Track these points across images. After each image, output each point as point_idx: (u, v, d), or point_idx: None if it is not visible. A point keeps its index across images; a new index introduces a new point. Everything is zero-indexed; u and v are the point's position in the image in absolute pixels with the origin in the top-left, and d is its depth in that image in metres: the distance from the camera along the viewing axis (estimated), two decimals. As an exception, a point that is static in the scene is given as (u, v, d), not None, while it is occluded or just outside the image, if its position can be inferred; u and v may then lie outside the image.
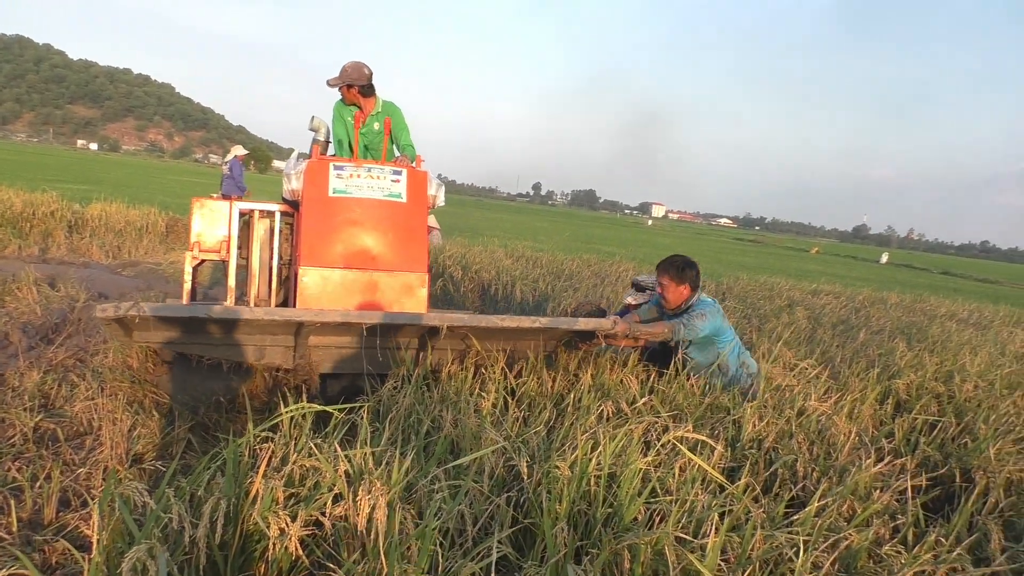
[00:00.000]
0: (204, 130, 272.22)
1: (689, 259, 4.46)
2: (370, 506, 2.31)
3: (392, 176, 4.52)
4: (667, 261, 4.50)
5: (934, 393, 4.97)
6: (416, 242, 4.50)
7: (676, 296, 4.42)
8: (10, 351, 5.06)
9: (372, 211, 4.42)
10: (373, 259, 4.39)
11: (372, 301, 4.34)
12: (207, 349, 3.89)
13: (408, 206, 4.52)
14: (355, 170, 4.46)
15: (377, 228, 4.42)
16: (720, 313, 4.40)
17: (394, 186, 4.50)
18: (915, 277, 35.76)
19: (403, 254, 4.45)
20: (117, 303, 3.41)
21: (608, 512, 2.55)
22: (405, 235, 4.48)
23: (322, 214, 4.34)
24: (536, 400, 3.72)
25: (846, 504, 2.87)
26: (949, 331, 8.17)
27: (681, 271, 4.39)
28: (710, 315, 4.29)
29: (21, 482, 3.03)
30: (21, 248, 9.45)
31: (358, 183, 4.43)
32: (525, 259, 10.97)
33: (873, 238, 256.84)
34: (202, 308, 3.52)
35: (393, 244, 4.44)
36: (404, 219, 4.50)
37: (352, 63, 5.12)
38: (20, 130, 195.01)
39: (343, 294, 4.29)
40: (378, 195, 4.45)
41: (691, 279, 4.40)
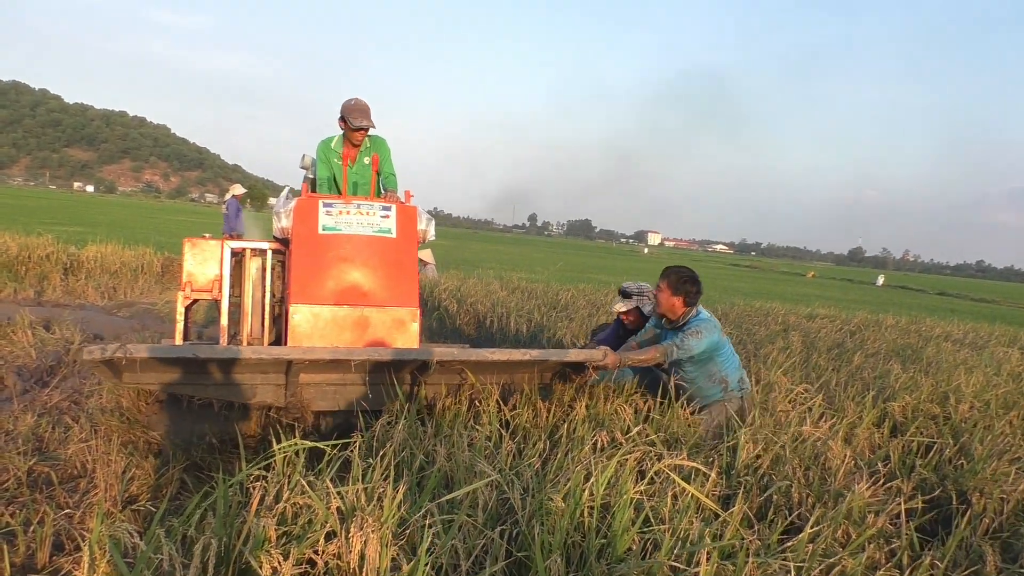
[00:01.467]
0: (200, 170, 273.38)
1: (694, 275, 4.36)
2: (362, 542, 2.31)
3: (382, 212, 4.52)
4: (673, 268, 4.41)
5: (930, 415, 4.97)
6: (406, 277, 4.48)
7: (667, 304, 4.32)
8: (4, 395, 5.05)
9: (362, 247, 4.41)
10: (364, 295, 4.37)
11: (364, 337, 4.30)
12: (198, 389, 3.87)
13: (398, 241, 4.51)
14: (344, 207, 4.46)
15: (367, 264, 4.41)
16: (718, 329, 4.32)
17: (384, 222, 4.50)
18: (911, 298, 35.81)
19: (394, 289, 4.43)
20: (104, 345, 3.41)
21: (602, 543, 2.54)
22: (395, 270, 4.46)
23: (312, 251, 4.33)
24: (530, 432, 3.71)
25: (841, 529, 2.87)
26: (944, 352, 8.18)
27: (681, 282, 4.28)
28: (706, 332, 4.21)
29: (14, 526, 3.02)
30: (17, 291, 9.46)
31: (348, 220, 4.42)
32: (520, 290, 11.00)
33: (869, 260, 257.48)
34: (189, 348, 3.53)
35: (384, 280, 4.42)
36: (394, 254, 4.48)
37: (363, 103, 5.05)
38: (17, 174, 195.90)
39: (334, 330, 4.27)
40: (368, 231, 4.44)
41: (687, 293, 4.28)
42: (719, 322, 4.42)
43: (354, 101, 5.06)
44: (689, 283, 4.29)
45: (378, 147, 5.35)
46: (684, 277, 4.31)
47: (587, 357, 4.01)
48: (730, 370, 4.34)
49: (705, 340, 4.19)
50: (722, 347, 4.33)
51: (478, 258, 29.87)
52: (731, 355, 4.41)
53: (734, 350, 4.53)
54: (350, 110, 5.02)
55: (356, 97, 5.09)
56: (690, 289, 4.29)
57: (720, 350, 4.31)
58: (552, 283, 13.17)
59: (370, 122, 5.04)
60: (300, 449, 2.90)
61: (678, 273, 4.33)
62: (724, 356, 4.33)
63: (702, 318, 4.32)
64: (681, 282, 4.29)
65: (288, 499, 2.57)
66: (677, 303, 4.30)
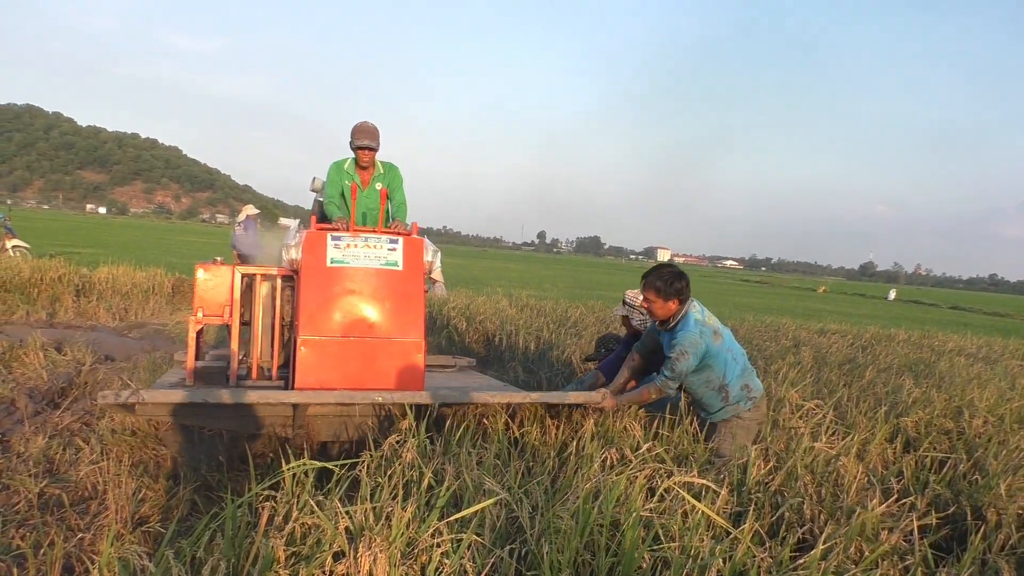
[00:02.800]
0: (211, 191, 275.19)
1: (677, 270, 4.16)
2: (371, 562, 2.30)
3: (389, 245, 4.58)
4: (652, 274, 4.19)
5: (943, 430, 4.93)
6: (413, 309, 4.55)
7: (664, 312, 4.14)
8: (16, 417, 5.07)
9: (369, 280, 4.49)
10: (371, 327, 4.44)
11: (370, 367, 4.39)
12: (209, 421, 4.02)
13: (404, 274, 4.58)
14: (352, 240, 4.53)
15: (374, 296, 4.49)
16: (709, 336, 4.06)
17: (391, 254, 4.56)
18: (924, 313, 35.60)
19: (400, 321, 4.50)
20: (117, 391, 3.59)
21: (612, 561, 2.52)
22: (402, 302, 4.53)
23: (320, 284, 4.42)
24: (539, 449, 3.71)
25: (854, 546, 2.84)
26: (958, 366, 8.12)
27: (669, 284, 4.08)
28: (691, 348, 3.97)
29: (25, 549, 3.02)
30: (29, 313, 9.52)
31: (355, 253, 4.49)
32: (529, 308, 10.99)
33: (880, 275, 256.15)
34: (199, 393, 3.74)
35: (390, 312, 4.50)
36: (401, 287, 4.55)
37: (370, 125, 5.26)
38: (31, 197, 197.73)
39: (341, 361, 4.35)
40: (375, 264, 4.51)
41: (679, 292, 4.08)
42: (713, 320, 4.19)
43: (361, 123, 5.24)
44: (677, 280, 4.10)
45: (391, 175, 5.48)
46: (669, 277, 4.11)
47: (586, 399, 4.13)
48: (730, 377, 4.11)
49: (692, 358, 4.00)
50: (716, 354, 4.07)
51: (487, 276, 29.90)
52: (730, 360, 4.13)
53: (740, 352, 4.27)
54: (356, 131, 5.22)
55: (366, 120, 5.28)
56: (680, 285, 4.10)
57: (715, 357, 4.06)
58: (561, 300, 13.16)
59: (372, 142, 5.22)
60: (309, 469, 2.90)
61: (661, 277, 4.12)
62: (721, 362, 4.08)
63: (688, 330, 4.04)
64: (669, 284, 4.09)
65: (297, 519, 2.57)
66: (672, 305, 4.12)
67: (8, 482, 3.90)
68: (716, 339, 4.09)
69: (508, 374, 7.23)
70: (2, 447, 4.49)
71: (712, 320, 4.17)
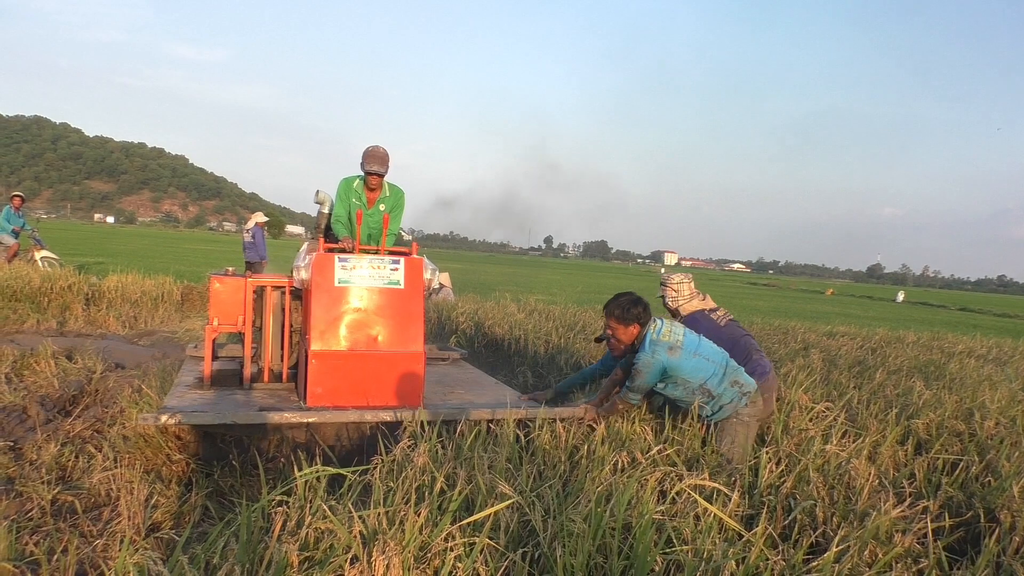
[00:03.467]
0: (217, 199, 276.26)
1: (634, 296, 4.36)
2: (384, 566, 2.31)
3: (391, 265, 4.92)
4: (612, 303, 4.39)
5: (954, 432, 4.91)
6: (413, 324, 4.90)
7: (627, 337, 4.35)
8: (28, 424, 5.10)
9: (374, 298, 4.84)
10: (375, 341, 4.80)
11: (375, 378, 4.75)
12: (231, 429, 4.40)
13: (406, 292, 4.92)
14: (357, 261, 4.87)
15: (379, 313, 4.83)
16: (663, 352, 4.14)
17: (393, 274, 4.91)
18: (932, 315, 35.45)
19: (402, 335, 4.85)
20: (157, 414, 4.02)
21: (625, 564, 2.52)
22: (404, 318, 4.88)
23: (329, 302, 4.75)
24: (550, 453, 3.71)
25: (867, 549, 2.83)
26: (968, 368, 8.08)
27: (627, 311, 4.29)
28: (644, 368, 4.14)
29: (39, 556, 3.03)
30: (39, 322, 9.58)
31: (360, 273, 4.84)
32: (537, 312, 10.99)
33: (888, 277, 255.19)
34: (229, 414, 4.20)
35: (393, 327, 4.84)
36: (402, 304, 4.90)
37: (381, 151, 5.48)
38: (39, 207, 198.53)
39: (349, 372, 4.71)
40: (379, 283, 4.86)
41: (638, 316, 4.28)
42: (672, 335, 4.24)
43: (372, 148, 5.49)
44: (633, 306, 4.30)
45: (395, 198, 5.77)
46: (626, 304, 4.31)
47: (571, 414, 4.47)
48: (707, 378, 4.18)
49: (647, 376, 4.16)
50: (679, 365, 4.15)
51: (495, 281, 29.91)
52: (703, 364, 4.20)
53: (715, 353, 4.32)
54: (367, 156, 5.46)
55: (377, 144, 5.54)
56: (637, 311, 4.29)
57: (678, 368, 4.16)
58: (569, 305, 13.16)
59: (381, 168, 5.46)
60: (322, 475, 2.91)
61: (619, 305, 4.33)
62: (688, 369, 4.16)
63: (643, 351, 4.20)
64: (626, 311, 4.30)
65: (310, 524, 2.58)
66: (634, 330, 4.32)
67: (21, 489, 3.93)
68: (673, 353, 4.17)
69: (517, 379, 7.23)
70: (15, 454, 4.51)
71: (670, 336, 4.24)
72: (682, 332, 4.30)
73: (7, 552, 3.00)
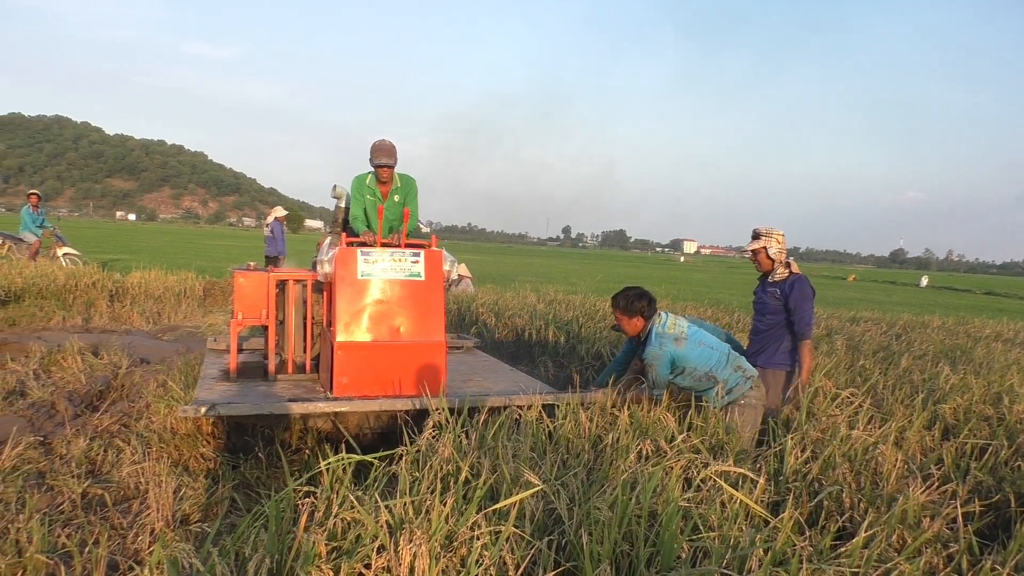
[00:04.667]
0: (237, 194, 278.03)
1: (640, 291, 4.54)
2: (412, 556, 2.32)
3: (412, 258, 5.03)
4: (618, 295, 4.58)
5: (983, 416, 4.85)
6: (434, 314, 5.01)
7: (631, 328, 4.53)
8: (57, 419, 5.18)
9: (396, 290, 4.95)
10: (397, 332, 4.90)
11: (398, 368, 4.84)
12: (262, 420, 4.57)
13: (427, 283, 5.03)
14: (380, 254, 4.98)
15: (400, 304, 4.94)
16: (669, 344, 4.33)
17: (414, 266, 5.02)
18: (957, 299, 35.05)
19: (424, 326, 4.95)
20: (197, 405, 4.11)
21: (651, 551, 2.52)
22: (425, 309, 4.99)
23: (352, 295, 4.85)
24: (573, 442, 3.70)
25: (896, 534, 2.81)
26: (995, 352, 7.99)
27: (631, 303, 4.47)
28: (655, 361, 4.31)
29: (71, 548, 3.08)
30: (65, 319, 9.70)
31: (383, 266, 4.95)
32: (557, 302, 10.98)
33: (911, 262, 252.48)
34: (266, 404, 4.36)
35: (414, 318, 4.94)
36: (423, 295, 5.00)
37: (388, 143, 5.57)
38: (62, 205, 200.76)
39: (373, 363, 4.81)
40: (400, 275, 4.97)
41: (641, 310, 4.46)
42: (677, 327, 4.41)
43: (379, 142, 5.59)
44: (637, 300, 4.47)
45: (407, 186, 5.85)
46: (631, 297, 4.50)
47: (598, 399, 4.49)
48: (712, 365, 4.36)
49: (660, 368, 4.32)
50: (685, 355, 4.34)
51: (513, 272, 29.92)
52: (707, 352, 4.40)
53: (717, 343, 4.52)
54: (374, 150, 5.57)
55: (383, 138, 5.64)
56: (641, 305, 4.46)
57: (685, 358, 4.34)
58: (589, 295, 13.13)
59: (389, 160, 5.56)
60: (348, 464, 2.92)
61: (624, 297, 4.52)
62: (695, 358, 4.35)
63: (650, 345, 4.37)
64: (630, 303, 4.47)
65: (337, 514, 2.59)
66: (638, 322, 4.49)
67: (52, 483, 3.99)
68: (679, 344, 4.35)
69: (539, 369, 7.24)
70: (45, 449, 4.58)
71: (675, 328, 4.43)
72: (685, 324, 4.49)
73: (41, 544, 3.05)
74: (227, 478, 4.12)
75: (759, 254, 5.02)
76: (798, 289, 4.78)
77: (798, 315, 4.72)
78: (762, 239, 4.99)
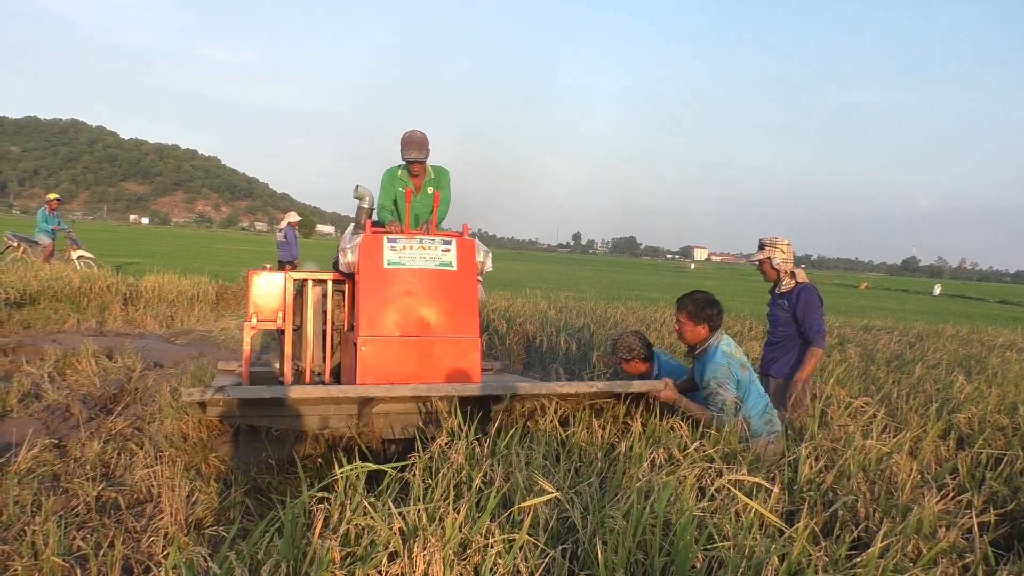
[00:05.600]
0: (250, 199, 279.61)
1: (710, 297, 4.29)
2: (425, 563, 2.32)
3: (443, 246, 4.67)
4: (686, 297, 4.34)
5: (998, 426, 4.82)
6: (467, 308, 4.63)
7: (693, 335, 4.26)
8: (71, 422, 5.21)
9: (425, 280, 4.57)
10: (428, 326, 4.51)
11: (428, 366, 4.45)
12: (275, 421, 4.17)
13: (458, 274, 4.65)
14: (408, 242, 4.61)
15: (430, 296, 4.56)
16: (736, 367, 4.12)
17: (445, 255, 4.65)
18: (971, 307, 34.82)
19: (456, 320, 4.57)
20: (203, 388, 3.75)
21: (666, 560, 2.51)
22: (457, 301, 4.61)
23: (378, 285, 4.49)
24: (586, 450, 3.70)
25: (911, 544, 2.79)
26: (1009, 361, 7.94)
27: (701, 309, 4.21)
28: (725, 379, 4.05)
29: (86, 550, 3.10)
30: (79, 322, 9.76)
31: (411, 254, 4.58)
32: (568, 309, 10.97)
33: (924, 270, 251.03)
34: (280, 389, 3.84)
35: (446, 311, 4.57)
36: (455, 286, 4.63)
37: (418, 135, 5.21)
38: (76, 209, 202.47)
39: (401, 360, 4.42)
40: (430, 265, 4.60)
41: (710, 318, 4.21)
42: (741, 353, 4.22)
43: (408, 133, 5.21)
44: (709, 306, 4.23)
45: (440, 178, 5.50)
46: (701, 303, 4.24)
47: (650, 388, 4.19)
48: (753, 410, 4.09)
49: (730, 387, 4.05)
50: (746, 386, 4.12)
51: (524, 278, 29.92)
52: (756, 394, 4.16)
53: (763, 391, 4.26)
54: (404, 143, 5.21)
55: (413, 129, 5.23)
56: (711, 312, 4.22)
57: (744, 389, 4.11)
58: (600, 302, 13.12)
59: (420, 154, 5.20)
60: (361, 472, 2.93)
61: (695, 300, 4.27)
62: (746, 394, 4.11)
63: (716, 363, 4.11)
64: (701, 308, 4.22)
65: (351, 520, 2.60)
66: (703, 330, 4.23)
67: (67, 486, 4.01)
68: (744, 371, 4.14)
69: (550, 376, 7.23)
70: (60, 452, 4.61)
71: (739, 354, 4.22)
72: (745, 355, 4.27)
73: (56, 547, 3.07)
74: (239, 483, 4.13)
75: (764, 264, 5.00)
76: (804, 299, 4.74)
77: (807, 324, 4.69)
78: (766, 249, 4.97)
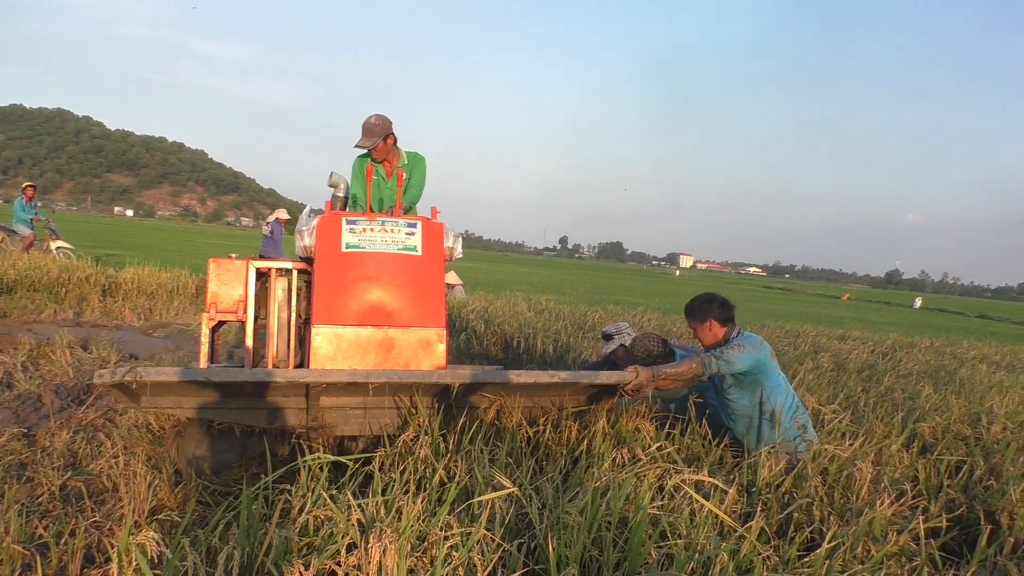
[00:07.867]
0: (236, 194, 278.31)
1: (709, 295, 4.24)
2: (381, 553, 2.35)
3: (407, 229, 4.35)
4: (688, 305, 4.31)
5: (960, 436, 4.90)
6: (433, 296, 4.29)
7: (707, 336, 4.18)
8: (42, 412, 5.19)
9: (386, 266, 4.23)
10: (388, 315, 4.17)
11: (389, 359, 4.13)
12: (218, 413, 3.87)
13: (424, 259, 4.32)
14: (368, 224, 4.30)
15: (392, 283, 4.22)
16: (766, 350, 4.03)
17: (409, 239, 4.33)
18: (949, 321, 35.16)
19: (419, 309, 4.23)
20: (114, 368, 3.36)
21: (619, 556, 2.55)
22: (421, 289, 4.27)
23: (335, 270, 4.19)
24: (552, 449, 3.74)
25: (861, 546, 2.84)
26: (979, 374, 8.05)
27: (701, 308, 4.17)
28: (750, 346, 3.94)
29: (47, 539, 3.10)
30: (56, 312, 9.69)
31: (372, 237, 4.27)
32: (548, 312, 11.02)
33: (907, 283, 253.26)
34: (200, 372, 3.50)
35: (409, 299, 4.22)
36: (420, 273, 4.28)
37: (369, 121, 4.99)
38: (60, 199, 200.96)
39: (358, 352, 4.10)
40: (392, 249, 4.27)
41: (714, 313, 4.13)
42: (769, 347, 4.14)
43: (363, 122, 5.00)
44: (707, 303, 4.20)
45: (414, 164, 5.28)
46: (702, 301, 4.22)
47: (619, 379, 3.94)
48: (779, 401, 3.97)
49: (748, 355, 3.92)
50: (770, 372, 4.02)
51: (507, 280, 29.94)
52: (783, 386, 4.07)
53: (792, 392, 4.18)
54: (369, 125, 5.00)
55: (368, 116, 5.01)
56: (713, 306, 4.18)
57: (768, 374, 4.01)
58: (580, 304, 13.18)
59: (368, 142, 4.96)
60: (324, 463, 2.95)
61: (694, 303, 4.25)
62: (773, 384, 4.02)
63: (748, 335, 4.11)
64: (698, 307, 4.21)
65: (310, 511, 2.62)
66: (714, 327, 4.17)
67: (32, 474, 4.00)
68: (774, 360, 4.08)
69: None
70: (28, 441, 4.59)
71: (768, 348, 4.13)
72: None
73: (17, 534, 3.07)
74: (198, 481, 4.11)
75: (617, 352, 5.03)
76: None
77: None
78: (615, 339, 5.07)
